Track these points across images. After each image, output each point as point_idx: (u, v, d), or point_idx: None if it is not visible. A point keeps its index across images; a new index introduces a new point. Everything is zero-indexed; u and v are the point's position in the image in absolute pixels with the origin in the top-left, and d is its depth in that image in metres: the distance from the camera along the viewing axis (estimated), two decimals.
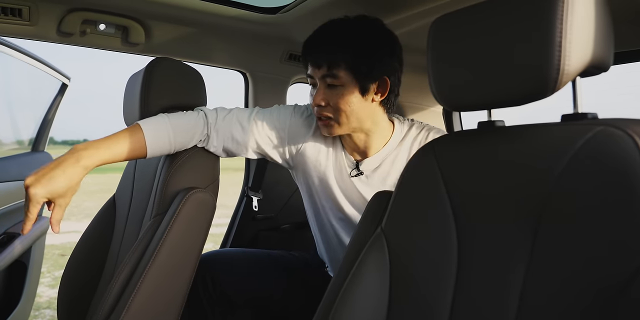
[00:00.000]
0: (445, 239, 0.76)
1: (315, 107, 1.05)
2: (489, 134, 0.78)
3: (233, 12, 1.44)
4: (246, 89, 1.81)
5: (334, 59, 1.00)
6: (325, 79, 1.02)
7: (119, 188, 1.41)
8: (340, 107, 1.02)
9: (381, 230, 0.87)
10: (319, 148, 1.15)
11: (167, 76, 1.17)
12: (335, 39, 1.02)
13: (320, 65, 1.02)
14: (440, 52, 0.78)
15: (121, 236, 1.28)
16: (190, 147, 1.10)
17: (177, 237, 0.98)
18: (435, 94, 0.79)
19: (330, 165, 1.16)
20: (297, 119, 1.15)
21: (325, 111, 1.04)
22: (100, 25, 1.37)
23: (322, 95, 1.03)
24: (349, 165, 1.15)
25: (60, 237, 5.65)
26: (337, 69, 1.00)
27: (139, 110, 1.14)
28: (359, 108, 1.04)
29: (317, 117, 1.07)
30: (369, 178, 1.14)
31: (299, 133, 1.15)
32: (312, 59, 1.03)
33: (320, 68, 1.02)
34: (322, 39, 1.04)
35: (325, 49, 1.01)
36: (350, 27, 1.04)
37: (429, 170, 0.82)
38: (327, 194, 1.18)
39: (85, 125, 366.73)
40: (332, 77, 1.01)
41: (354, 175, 1.14)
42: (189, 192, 1.02)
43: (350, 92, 1.02)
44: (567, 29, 0.61)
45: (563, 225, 0.60)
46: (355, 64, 1.00)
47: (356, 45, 1.00)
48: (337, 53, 1.00)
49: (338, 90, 1.02)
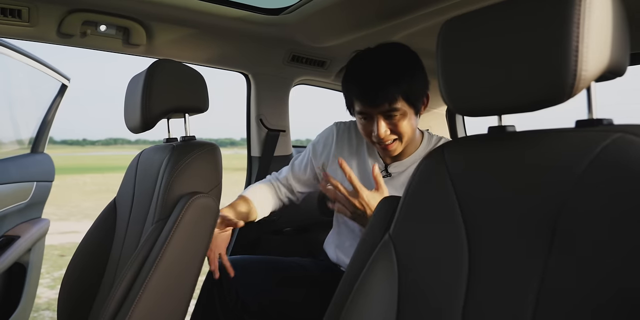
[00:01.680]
0: (456, 247, 0.74)
1: (378, 137, 1.13)
2: (500, 140, 0.76)
3: (235, 13, 1.42)
4: (248, 91, 1.79)
5: (393, 97, 1.09)
6: (384, 114, 1.11)
7: (120, 191, 1.39)
8: (404, 131, 1.14)
9: (389, 236, 0.85)
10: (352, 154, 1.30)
11: (169, 79, 1.15)
12: (387, 77, 1.09)
13: (379, 105, 1.09)
14: (451, 55, 0.76)
15: (122, 240, 1.26)
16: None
17: (180, 243, 0.97)
18: (445, 98, 0.77)
19: (360, 165, 1.28)
20: (328, 141, 1.33)
21: (389, 137, 1.14)
22: (101, 27, 1.35)
23: (385, 127, 1.12)
24: (381, 166, 1.25)
25: (59, 237, 5.64)
26: (396, 103, 1.09)
27: (141, 113, 1.13)
28: (415, 125, 1.17)
29: (377, 144, 1.16)
30: (394, 180, 1.24)
31: (324, 151, 1.33)
32: (370, 100, 1.10)
33: (379, 106, 1.10)
34: (375, 79, 1.10)
35: (383, 89, 1.08)
36: (393, 60, 1.13)
37: (438, 175, 0.80)
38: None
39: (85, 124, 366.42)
40: (393, 111, 1.10)
41: (384, 177, 1.24)
42: (192, 197, 1.00)
43: (409, 117, 1.13)
44: (584, 34, 0.59)
45: (580, 234, 0.58)
46: (410, 94, 1.10)
47: (407, 79, 1.10)
48: (394, 91, 1.09)
49: (398, 118, 1.12)
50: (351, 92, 1.16)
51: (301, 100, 51.22)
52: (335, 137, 1.32)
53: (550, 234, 0.61)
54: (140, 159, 1.35)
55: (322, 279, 1.37)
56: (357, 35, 1.54)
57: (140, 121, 1.14)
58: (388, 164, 1.26)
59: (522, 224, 0.65)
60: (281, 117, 1.82)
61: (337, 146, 1.31)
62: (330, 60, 1.79)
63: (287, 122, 1.84)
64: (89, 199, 10.17)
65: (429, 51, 1.71)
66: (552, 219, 0.61)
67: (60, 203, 9.12)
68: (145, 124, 1.15)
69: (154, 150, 1.29)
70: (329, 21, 1.47)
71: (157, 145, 1.35)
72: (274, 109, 1.79)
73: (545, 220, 0.62)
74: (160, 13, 1.37)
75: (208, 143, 1.18)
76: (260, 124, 1.77)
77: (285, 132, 1.84)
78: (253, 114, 1.78)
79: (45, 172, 2.11)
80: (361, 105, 1.13)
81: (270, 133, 1.79)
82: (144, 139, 15.11)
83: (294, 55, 1.71)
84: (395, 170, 1.24)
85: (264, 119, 1.77)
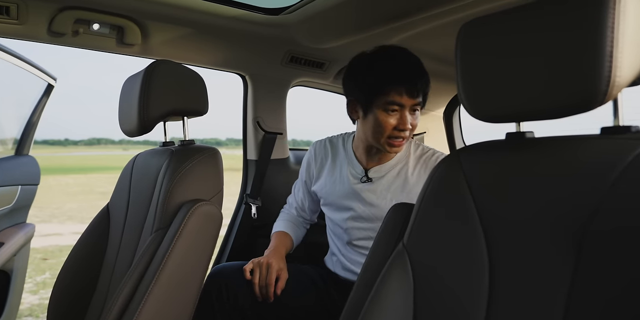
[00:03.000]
0: (475, 257, 0.71)
1: (402, 131, 1.16)
2: (520, 146, 0.74)
3: (234, 12, 1.38)
4: (245, 92, 1.74)
5: (425, 90, 1.17)
6: (414, 106, 1.17)
7: (114, 197, 1.34)
8: (415, 126, 1.19)
9: (403, 246, 0.82)
10: (332, 167, 1.35)
11: (168, 80, 1.10)
12: (417, 71, 1.16)
13: (417, 96, 1.15)
14: (470, 58, 0.73)
15: (117, 248, 1.21)
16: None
17: (183, 253, 0.92)
18: (465, 104, 0.75)
19: (340, 175, 1.33)
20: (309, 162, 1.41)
21: (408, 132, 1.18)
22: (94, 25, 1.30)
23: (410, 120, 1.17)
24: (358, 173, 1.29)
25: (41, 240, 5.51)
26: (421, 97, 1.17)
27: (138, 116, 1.08)
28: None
29: (393, 138, 1.17)
30: (375, 184, 1.26)
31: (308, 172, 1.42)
32: (411, 90, 1.14)
33: (417, 97, 1.15)
34: (411, 72, 1.16)
35: (422, 81, 1.15)
36: (415, 58, 1.19)
37: (455, 182, 0.77)
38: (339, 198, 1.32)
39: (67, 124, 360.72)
40: (420, 105, 1.18)
41: (364, 182, 1.27)
42: (194, 204, 0.96)
43: (418, 113, 1.20)
44: (618, 38, 0.57)
45: (613, 243, 0.55)
46: (427, 92, 1.19)
47: (427, 77, 1.18)
48: (426, 85, 1.17)
49: (417, 114, 1.19)
50: (388, 81, 1.15)
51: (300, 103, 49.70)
52: (314, 156, 1.40)
53: (579, 243, 0.59)
54: (136, 164, 1.29)
55: (322, 285, 1.34)
56: (357, 37, 1.52)
57: (137, 124, 1.09)
58: (368, 169, 1.28)
59: (548, 233, 0.63)
60: (278, 120, 1.78)
61: (318, 163, 1.38)
62: (329, 62, 1.76)
63: (284, 125, 1.81)
64: (72, 200, 9.98)
65: (427, 53, 1.71)
66: (581, 228, 0.59)
67: (42, 205, 8.93)
68: (143, 127, 1.10)
69: (150, 155, 1.24)
70: (329, 22, 1.44)
71: (153, 149, 1.29)
72: (272, 111, 1.75)
73: (574, 229, 0.60)
74: (156, 11, 1.32)
75: (209, 147, 1.14)
76: (258, 126, 1.73)
77: (283, 134, 1.80)
78: (250, 116, 1.73)
79: (30, 175, 2.04)
80: (399, 95, 1.14)
81: (267, 136, 1.74)
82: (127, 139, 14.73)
83: (293, 56, 1.67)
84: (375, 175, 1.27)
85: (261, 121, 1.73)
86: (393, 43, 1.60)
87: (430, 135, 2.19)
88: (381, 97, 1.15)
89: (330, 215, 1.36)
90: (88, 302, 1.25)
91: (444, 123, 2.25)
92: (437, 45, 1.66)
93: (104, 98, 49.99)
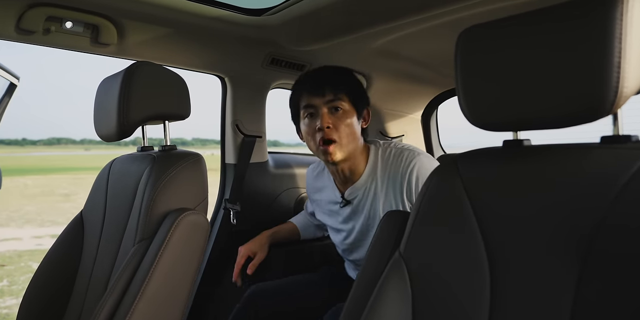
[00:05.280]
0: (475, 267, 0.70)
1: (321, 130, 1.17)
2: (518, 154, 0.74)
3: (215, 12, 1.34)
4: (224, 94, 1.70)
5: (338, 89, 1.20)
6: (329, 104, 1.19)
7: (88, 204, 1.27)
8: (343, 130, 1.18)
9: (400, 255, 0.81)
10: (321, 192, 1.42)
11: (149, 82, 1.06)
12: (334, 75, 1.24)
13: (326, 94, 1.19)
14: (470, 65, 0.73)
15: (93, 258, 1.15)
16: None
17: (169, 265, 0.88)
18: (465, 111, 0.74)
19: (326, 199, 1.39)
20: (309, 183, 1.50)
21: (331, 133, 1.17)
22: (67, 23, 1.22)
23: (328, 120, 1.18)
24: (337, 197, 1.33)
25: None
26: (340, 95, 1.19)
27: (117, 120, 1.03)
28: (356, 130, 1.22)
29: (321, 143, 1.18)
30: (354, 205, 1.29)
31: (311, 190, 1.48)
32: (318, 89, 1.20)
33: (325, 95, 1.19)
34: (323, 75, 1.24)
35: (330, 80, 1.21)
36: (339, 70, 1.28)
37: (453, 190, 0.77)
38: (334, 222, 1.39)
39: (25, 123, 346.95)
40: (337, 101, 1.19)
41: (343, 206, 1.31)
42: (180, 214, 0.92)
43: (351, 119, 1.20)
44: (626, 49, 0.57)
45: (620, 252, 0.56)
46: (353, 94, 1.22)
47: (350, 81, 1.25)
48: (339, 84, 1.21)
49: (341, 114, 1.19)
50: (300, 87, 1.25)
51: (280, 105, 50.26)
52: (311, 180, 1.48)
53: (584, 251, 0.59)
54: (112, 170, 1.23)
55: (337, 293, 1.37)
56: (340, 40, 1.50)
57: (116, 129, 1.04)
58: (343, 191, 1.31)
59: (551, 241, 0.63)
60: (258, 123, 1.74)
61: (311, 185, 1.48)
62: (310, 64, 1.73)
63: (264, 128, 1.77)
64: (31, 203, 9.55)
65: (406, 57, 1.72)
66: (586, 236, 0.59)
67: None
68: (122, 131, 1.04)
69: (129, 160, 1.18)
70: (312, 25, 1.41)
71: (131, 154, 1.24)
72: (251, 113, 1.71)
73: (578, 237, 0.60)
74: (133, 10, 1.26)
75: (192, 153, 1.09)
76: (237, 129, 1.68)
77: (262, 137, 1.76)
78: (229, 119, 1.69)
79: None
80: (308, 97, 1.21)
81: (246, 139, 1.70)
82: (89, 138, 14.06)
83: (274, 58, 1.64)
84: (352, 196, 1.28)
85: (240, 124, 1.69)
86: (374, 47, 1.61)
87: (408, 138, 2.20)
88: (297, 105, 1.25)
89: (333, 237, 1.43)
90: (62, 313, 1.18)
91: (422, 126, 2.26)
92: (416, 49, 1.66)
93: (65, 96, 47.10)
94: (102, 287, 1.04)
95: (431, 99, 2.19)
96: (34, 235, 6.29)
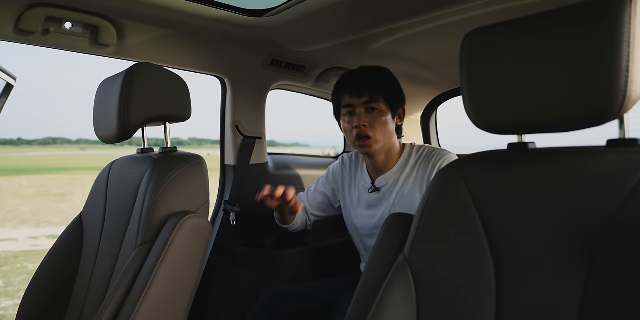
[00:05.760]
0: (481, 270, 0.70)
1: (358, 128, 1.30)
2: (524, 156, 0.73)
3: (216, 13, 1.33)
4: (223, 95, 1.69)
5: (375, 91, 1.30)
6: (366, 105, 1.30)
7: (88, 206, 1.26)
8: (379, 126, 1.30)
9: (404, 258, 0.80)
10: (352, 179, 1.50)
11: (149, 84, 1.05)
12: (373, 77, 1.35)
13: (363, 95, 1.30)
14: (476, 68, 0.72)
15: (93, 261, 1.14)
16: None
17: (172, 269, 0.87)
18: (470, 114, 0.73)
19: (357, 185, 1.47)
20: (337, 169, 1.55)
21: (367, 130, 1.30)
22: (66, 24, 1.21)
23: (365, 118, 1.30)
24: (368, 184, 1.43)
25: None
26: (377, 97, 1.30)
27: (118, 122, 1.02)
28: (390, 128, 1.33)
29: (358, 139, 1.31)
30: (382, 193, 1.38)
31: (339, 176, 1.54)
32: (356, 90, 1.31)
33: (363, 97, 1.30)
34: (363, 77, 1.34)
35: (369, 85, 1.31)
36: (377, 71, 1.37)
37: (457, 193, 0.76)
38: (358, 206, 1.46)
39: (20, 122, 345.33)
40: (374, 102, 1.30)
41: (371, 191, 1.40)
42: (183, 217, 0.91)
43: (386, 118, 1.32)
44: (634, 53, 0.57)
45: (629, 252, 0.55)
46: (389, 97, 1.32)
47: (388, 84, 1.35)
48: (377, 88, 1.31)
49: (377, 114, 1.31)
50: (341, 88, 1.35)
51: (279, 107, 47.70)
52: (341, 168, 1.54)
53: (591, 251, 0.59)
54: (112, 172, 1.22)
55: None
56: (340, 41, 1.50)
57: (116, 130, 1.03)
58: (374, 179, 1.40)
59: (557, 242, 0.63)
60: (258, 124, 1.73)
61: (343, 175, 1.52)
62: (310, 65, 1.73)
63: (264, 129, 1.76)
64: (26, 203, 9.50)
65: (406, 58, 1.71)
66: (593, 236, 0.59)
67: None
68: (123, 133, 1.03)
69: (129, 163, 1.17)
70: (313, 26, 1.41)
71: (131, 156, 1.23)
72: (251, 115, 1.70)
73: (585, 237, 0.60)
74: (133, 11, 1.25)
75: (193, 155, 1.09)
76: (237, 131, 1.67)
77: (262, 139, 1.75)
78: (228, 121, 1.68)
79: None
80: (348, 97, 1.32)
81: (246, 140, 1.69)
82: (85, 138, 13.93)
83: (274, 59, 1.63)
84: (381, 184, 1.38)
85: (240, 125, 1.68)
86: (374, 48, 1.61)
87: (407, 140, 2.19)
88: (338, 103, 1.35)
89: (355, 223, 1.47)
90: (61, 316, 1.17)
91: (421, 127, 2.26)
92: (416, 51, 1.66)
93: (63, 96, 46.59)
94: (102, 290, 1.03)
95: (431, 100, 2.18)
96: (30, 236, 6.25)
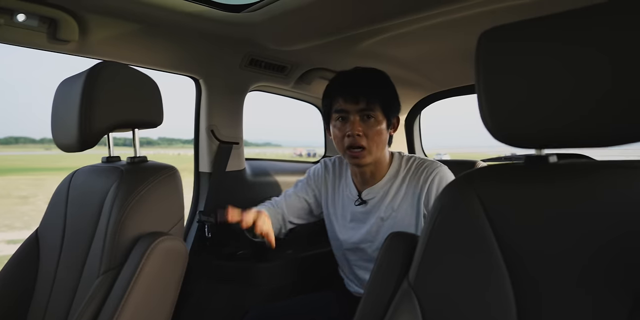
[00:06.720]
0: (499, 300, 0.62)
1: (351, 137, 1.18)
2: (544, 172, 0.65)
3: (190, 7, 1.21)
4: (198, 97, 1.56)
5: (372, 98, 1.18)
6: (361, 112, 1.19)
7: (45, 223, 1.12)
8: (373, 138, 1.19)
9: (409, 285, 0.71)
10: (335, 188, 1.38)
11: (115, 85, 0.92)
12: (370, 83, 1.21)
13: (359, 101, 1.18)
14: (494, 72, 0.63)
15: (50, 287, 1.00)
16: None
17: (141, 300, 0.75)
18: (488, 124, 0.64)
19: (341, 194, 1.35)
20: (318, 173, 1.41)
21: (361, 140, 1.18)
22: (19, 16, 1.07)
23: (359, 126, 1.18)
24: (353, 196, 1.31)
25: None
26: (374, 104, 1.18)
27: (79, 128, 0.89)
28: (384, 137, 1.22)
29: (349, 149, 1.19)
30: (369, 206, 1.28)
31: (322, 182, 1.40)
32: (352, 96, 1.18)
33: (359, 103, 1.18)
34: (360, 81, 1.21)
35: (366, 91, 1.18)
36: (374, 75, 1.24)
37: (471, 212, 0.68)
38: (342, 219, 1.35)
39: None
40: (370, 110, 1.18)
41: (358, 204, 1.29)
42: (154, 239, 0.79)
43: (381, 127, 1.20)
44: None
45: None
46: (386, 105, 1.20)
47: (386, 92, 1.22)
48: (374, 94, 1.19)
49: (372, 123, 1.19)
50: (335, 91, 1.22)
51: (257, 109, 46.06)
52: (324, 172, 1.41)
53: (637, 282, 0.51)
54: (73, 184, 1.08)
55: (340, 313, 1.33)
56: (323, 40, 1.41)
57: (77, 138, 0.90)
58: (361, 191, 1.29)
59: (594, 270, 0.55)
60: (235, 128, 1.61)
61: (326, 180, 1.40)
62: (291, 66, 1.62)
63: (241, 134, 1.64)
64: None
65: (391, 59, 1.63)
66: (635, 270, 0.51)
67: None
68: (84, 141, 0.91)
69: (92, 173, 1.04)
70: (296, 23, 1.31)
71: (94, 165, 1.09)
72: (227, 118, 1.58)
73: (629, 267, 0.52)
74: (97, 3, 1.11)
75: (165, 166, 0.97)
76: (212, 135, 1.55)
77: (239, 144, 1.63)
78: (203, 125, 1.56)
79: None
80: (342, 102, 1.19)
81: (222, 146, 1.57)
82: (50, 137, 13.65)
83: (253, 58, 1.52)
84: (369, 197, 1.27)
85: (216, 130, 1.56)
86: (359, 48, 1.52)
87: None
88: (330, 106, 1.24)
89: (338, 236, 1.36)
90: None
91: (405, 129, 2.19)
92: (401, 52, 1.59)
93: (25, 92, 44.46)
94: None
95: (415, 103, 2.11)
96: None
